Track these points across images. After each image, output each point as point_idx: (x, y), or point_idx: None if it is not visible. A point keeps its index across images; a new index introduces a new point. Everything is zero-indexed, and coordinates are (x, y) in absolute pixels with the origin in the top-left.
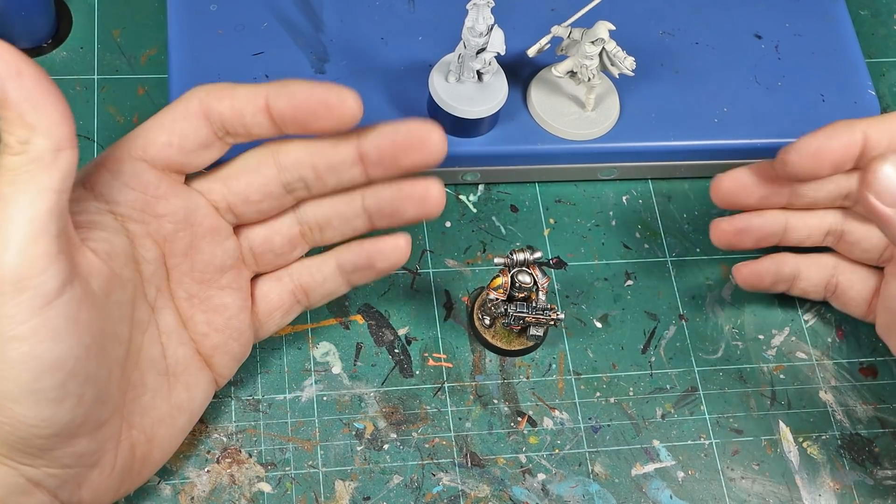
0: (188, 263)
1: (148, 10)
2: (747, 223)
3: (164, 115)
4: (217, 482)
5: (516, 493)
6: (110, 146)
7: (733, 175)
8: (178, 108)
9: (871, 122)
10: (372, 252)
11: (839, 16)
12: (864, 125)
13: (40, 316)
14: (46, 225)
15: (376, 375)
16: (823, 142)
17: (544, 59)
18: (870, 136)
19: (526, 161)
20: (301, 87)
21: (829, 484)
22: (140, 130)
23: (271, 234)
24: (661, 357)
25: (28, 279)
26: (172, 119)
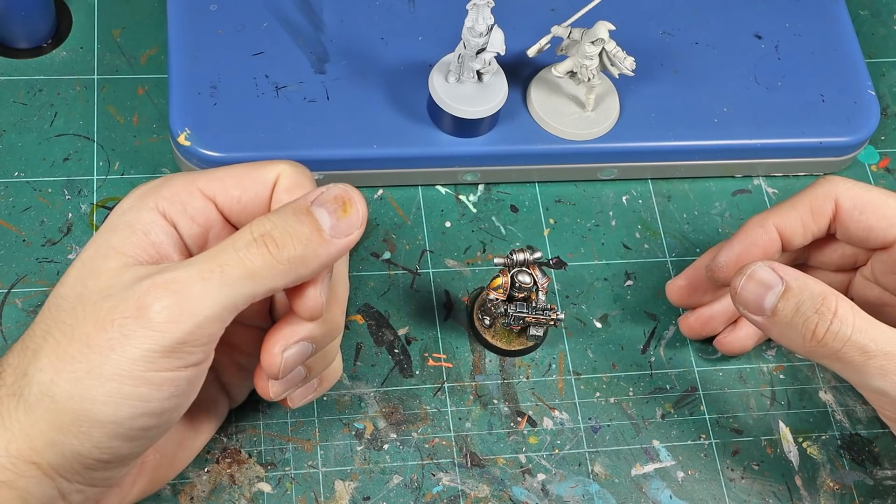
0: None
1: (148, 10)
2: (711, 313)
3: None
4: (217, 482)
5: (516, 493)
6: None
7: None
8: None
9: (780, 214)
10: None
11: (839, 16)
12: (774, 218)
13: (172, 374)
14: (229, 317)
15: (376, 375)
16: (743, 250)
17: (544, 59)
18: (782, 228)
19: (526, 161)
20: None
21: (829, 484)
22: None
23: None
24: (661, 357)
25: (187, 347)
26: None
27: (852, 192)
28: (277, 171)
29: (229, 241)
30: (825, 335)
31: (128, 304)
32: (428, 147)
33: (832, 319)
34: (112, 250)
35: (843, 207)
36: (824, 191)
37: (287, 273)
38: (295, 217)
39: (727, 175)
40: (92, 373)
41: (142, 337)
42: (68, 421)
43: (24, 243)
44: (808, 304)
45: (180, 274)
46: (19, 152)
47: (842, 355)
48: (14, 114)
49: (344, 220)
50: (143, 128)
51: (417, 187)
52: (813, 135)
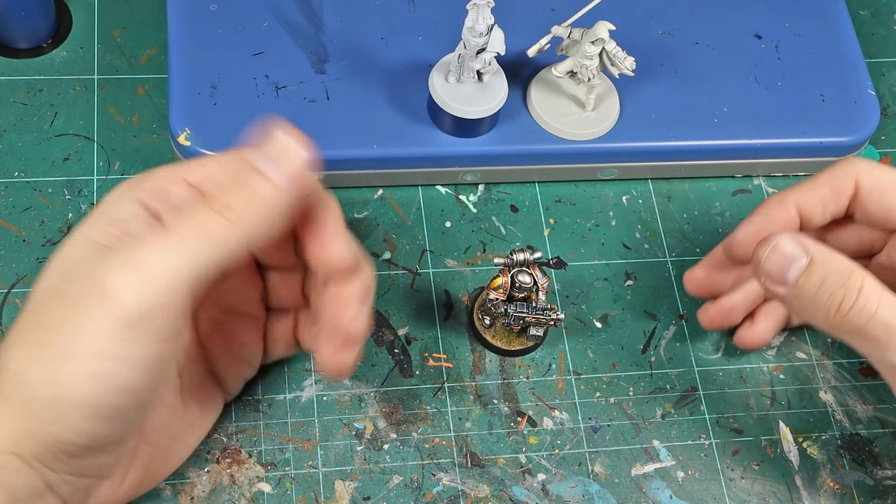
0: (217, 291)
1: (148, 10)
2: (731, 304)
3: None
4: (217, 482)
5: (516, 493)
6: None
7: (698, 272)
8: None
9: (800, 192)
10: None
11: (839, 16)
12: (794, 196)
13: (139, 349)
14: (195, 287)
15: (376, 375)
16: (761, 225)
17: (544, 59)
18: (802, 205)
19: (526, 161)
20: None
21: (829, 484)
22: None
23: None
24: (661, 357)
25: (150, 320)
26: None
27: (873, 172)
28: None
29: (185, 212)
30: (850, 310)
31: (92, 286)
32: (428, 147)
33: (858, 294)
34: (87, 241)
35: (863, 188)
36: (845, 170)
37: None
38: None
39: (727, 175)
40: (60, 356)
41: (104, 312)
42: (43, 408)
43: (24, 243)
44: (834, 278)
45: (140, 249)
46: (19, 152)
47: (866, 331)
48: (14, 114)
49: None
50: (143, 128)
51: (417, 187)
52: (813, 135)
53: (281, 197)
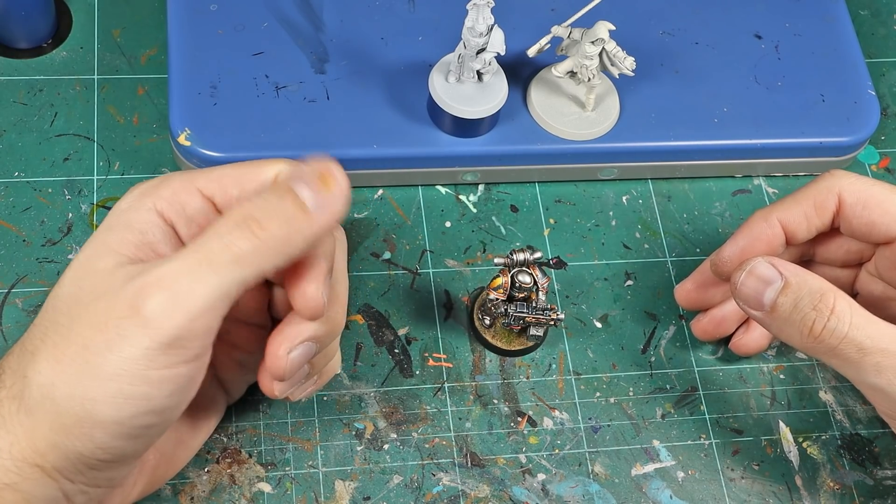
0: None
1: (148, 10)
2: (722, 314)
3: None
4: (217, 482)
5: (516, 493)
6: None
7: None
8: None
9: (783, 208)
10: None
11: (839, 16)
12: (777, 213)
13: (173, 371)
14: (224, 307)
15: (376, 375)
16: (746, 243)
17: (544, 59)
18: (786, 222)
19: (526, 161)
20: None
21: (829, 484)
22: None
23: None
24: (661, 357)
25: (184, 341)
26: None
27: (855, 186)
28: (276, 171)
29: (213, 229)
30: (822, 331)
31: (121, 305)
32: (428, 147)
33: (829, 316)
34: (107, 249)
35: (846, 202)
36: (827, 185)
37: (274, 254)
38: (276, 196)
39: (727, 175)
40: (91, 374)
41: (139, 336)
42: (70, 423)
43: (24, 243)
44: (807, 301)
45: (169, 268)
46: (19, 152)
47: (838, 352)
48: (14, 114)
49: (326, 194)
50: (143, 128)
51: (417, 187)
52: (813, 135)
53: (315, 229)
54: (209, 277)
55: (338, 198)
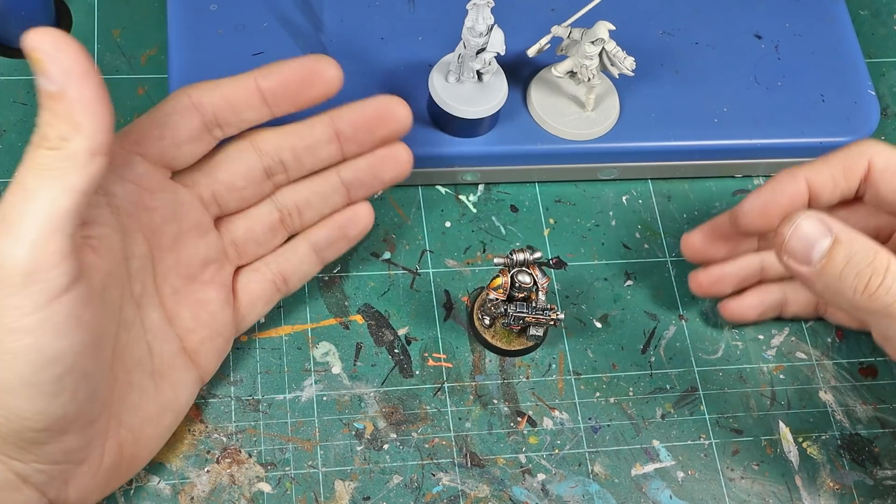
0: (174, 258)
1: (148, 10)
2: (722, 272)
3: (156, 110)
4: (217, 482)
5: (516, 493)
6: None
7: (695, 237)
8: (169, 103)
9: (812, 168)
10: (342, 222)
11: (839, 16)
12: (805, 172)
13: (46, 310)
14: (65, 224)
15: (376, 375)
16: (770, 198)
17: (544, 59)
18: (813, 181)
19: (526, 161)
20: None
21: (829, 484)
22: (133, 125)
23: (252, 224)
24: (661, 357)
25: (39, 274)
26: (164, 114)
27: (887, 154)
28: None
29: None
30: (878, 289)
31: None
32: (428, 147)
33: (885, 274)
34: None
35: (875, 167)
36: (858, 150)
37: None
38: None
39: (727, 175)
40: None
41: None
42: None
43: None
44: (861, 257)
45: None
46: (20, 152)
47: (893, 310)
48: (14, 114)
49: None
50: None
51: (417, 187)
52: (813, 135)
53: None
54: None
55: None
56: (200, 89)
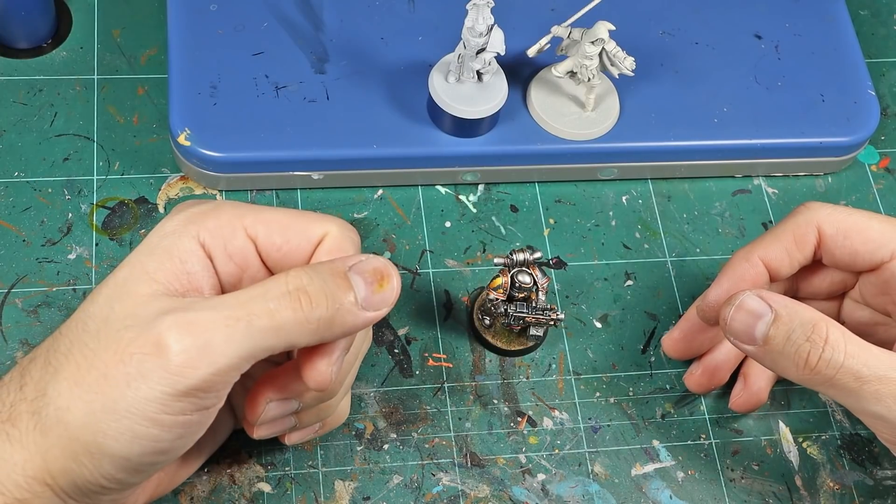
0: None
1: (148, 10)
2: (715, 363)
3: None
4: (217, 482)
5: (516, 493)
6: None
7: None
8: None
9: (764, 246)
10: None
11: (839, 16)
12: (758, 251)
13: (184, 417)
14: (245, 366)
15: (376, 375)
16: (731, 286)
17: (544, 59)
18: (768, 260)
19: (526, 161)
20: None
21: (829, 484)
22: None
23: None
24: (661, 357)
25: (199, 392)
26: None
27: (833, 217)
28: (325, 230)
29: (261, 289)
30: (818, 363)
31: (147, 339)
32: (428, 147)
33: (824, 346)
34: (145, 274)
35: (826, 234)
36: (805, 219)
37: (312, 332)
38: (332, 278)
39: (727, 175)
40: (106, 406)
41: (157, 378)
42: (80, 451)
43: (24, 243)
44: (799, 332)
45: (205, 316)
46: (19, 152)
47: (836, 382)
48: (14, 114)
49: (378, 294)
50: (143, 128)
51: (417, 187)
52: (813, 135)
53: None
54: (244, 338)
55: (388, 300)
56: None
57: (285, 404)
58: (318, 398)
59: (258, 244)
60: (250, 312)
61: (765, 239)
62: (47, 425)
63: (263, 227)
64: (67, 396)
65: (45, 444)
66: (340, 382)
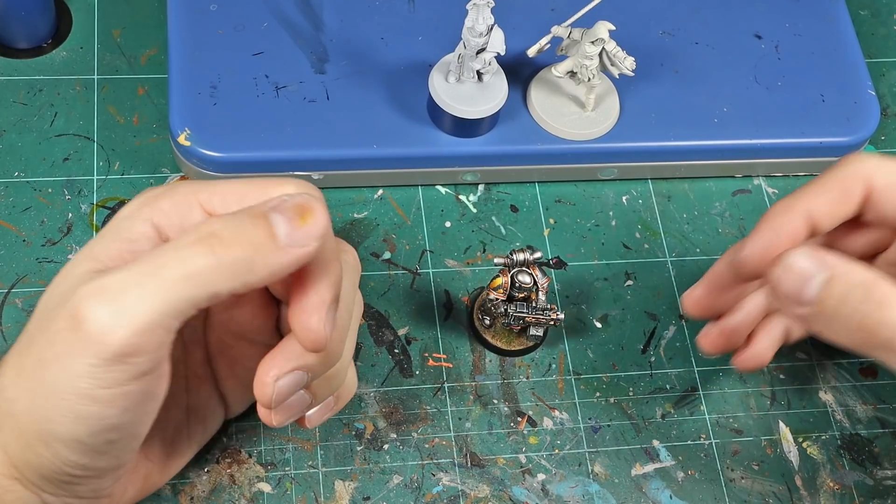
0: (227, 318)
1: (148, 10)
2: (734, 325)
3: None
4: (217, 482)
5: (516, 493)
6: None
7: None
8: None
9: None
10: None
11: (839, 16)
12: (802, 203)
13: (122, 388)
14: (171, 322)
15: (376, 375)
16: (770, 240)
17: (544, 59)
18: (811, 212)
19: (526, 161)
20: None
21: (829, 484)
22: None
23: None
24: (661, 357)
25: (130, 357)
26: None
27: (886, 168)
28: (282, 191)
29: (173, 242)
30: (876, 325)
31: (66, 314)
32: (428, 147)
33: (882, 308)
34: (89, 255)
35: (876, 186)
36: (854, 170)
37: (231, 277)
38: (249, 219)
39: (727, 175)
40: (46, 391)
41: (80, 351)
42: (33, 440)
43: (24, 243)
44: (856, 293)
45: (115, 278)
46: (19, 152)
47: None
48: (14, 114)
49: (301, 229)
50: (143, 128)
51: (417, 187)
52: (813, 135)
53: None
54: (157, 292)
55: (313, 233)
56: None
57: (294, 378)
58: (323, 363)
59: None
60: (161, 265)
61: (809, 190)
62: (1, 419)
63: (219, 198)
64: (13, 388)
65: (3, 439)
66: (340, 342)
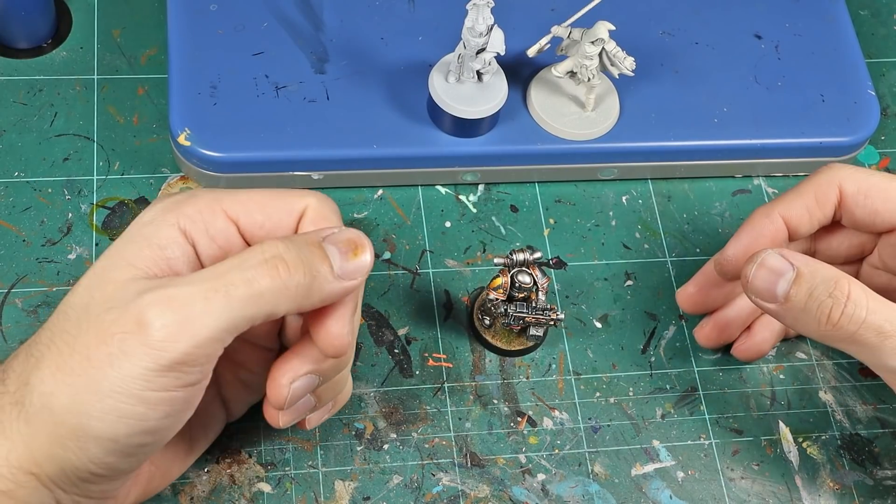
0: None
1: (148, 10)
2: (727, 319)
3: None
4: (217, 482)
5: (516, 493)
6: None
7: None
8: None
9: (785, 203)
10: None
11: (839, 16)
12: (779, 208)
13: (169, 394)
14: (227, 337)
15: (376, 375)
16: (750, 241)
17: (544, 59)
18: (788, 216)
19: (526, 161)
20: None
21: (829, 484)
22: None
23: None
24: (661, 357)
25: (184, 366)
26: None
27: (855, 176)
28: (305, 203)
29: (237, 260)
30: (840, 318)
31: (128, 318)
32: (428, 147)
33: (846, 302)
34: (124, 261)
35: (847, 193)
36: (827, 177)
37: (290, 300)
38: (307, 247)
39: (727, 175)
40: (90, 388)
41: (140, 354)
42: (66, 435)
43: (24, 243)
44: (822, 289)
45: (183, 290)
46: (19, 152)
47: (857, 337)
48: (14, 114)
49: (352, 263)
50: (143, 128)
51: (417, 187)
52: (813, 135)
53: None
54: (223, 308)
55: (362, 269)
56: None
57: (307, 382)
58: (336, 367)
59: (240, 225)
60: (228, 283)
61: (786, 196)
62: (31, 413)
63: (242, 206)
64: (51, 382)
65: (30, 433)
66: (352, 347)
